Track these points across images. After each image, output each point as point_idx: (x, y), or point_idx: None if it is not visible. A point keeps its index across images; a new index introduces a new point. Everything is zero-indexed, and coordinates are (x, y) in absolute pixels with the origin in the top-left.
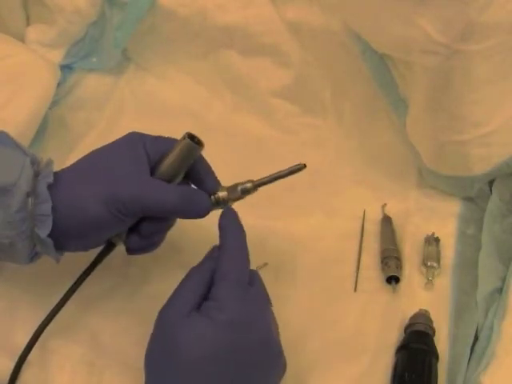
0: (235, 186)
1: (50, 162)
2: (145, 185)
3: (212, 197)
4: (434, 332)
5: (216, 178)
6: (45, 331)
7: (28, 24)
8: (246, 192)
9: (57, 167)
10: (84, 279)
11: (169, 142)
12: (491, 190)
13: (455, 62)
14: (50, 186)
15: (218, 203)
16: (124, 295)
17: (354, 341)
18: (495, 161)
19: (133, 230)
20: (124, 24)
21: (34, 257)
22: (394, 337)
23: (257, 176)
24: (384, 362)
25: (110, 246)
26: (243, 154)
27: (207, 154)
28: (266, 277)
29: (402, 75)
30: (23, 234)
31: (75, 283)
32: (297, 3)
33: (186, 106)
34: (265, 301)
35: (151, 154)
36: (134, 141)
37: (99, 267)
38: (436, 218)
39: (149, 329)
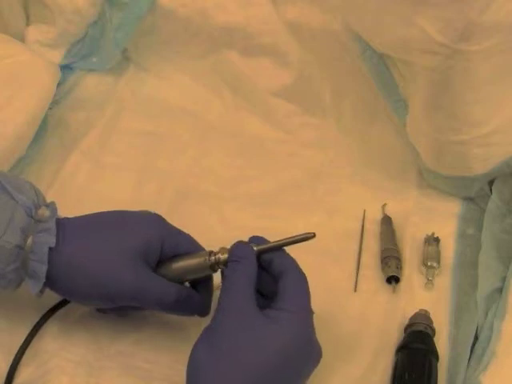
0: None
1: (53, 212)
2: (144, 282)
3: (213, 258)
4: (434, 332)
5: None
6: (45, 332)
7: (28, 24)
8: None
9: (57, 167)
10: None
11: (187, 242)
12: (491, 190)
13: (455, 62)
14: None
15: (218, 264)
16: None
17: (354, 341)
18: (495, 161)
19: None
20: (124, 24)
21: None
22: (393, 337)
23: (255, 177)
24: (384, 362)
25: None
26: (243, 154)
27: (207, 153)
28: None
29: (401, 75)
30: (12, 282)
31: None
32: (297, 3)
33: (185, 106)
34: None
35: (165, 248)
36: (153, 227)
37: None
38: (436, 218)
39: (147, 330)
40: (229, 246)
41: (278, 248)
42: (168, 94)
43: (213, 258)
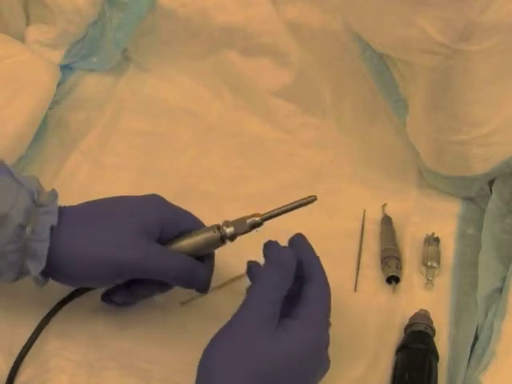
0: (242, 220)
1: (54, 196)
2: (149, 251)
3: (218, 232)
4: (434, 332)
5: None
6: (45, 331)
7: (28, 24)
8: (254, 226)
9: (57, 167)
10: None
11: (192, 220)
12: (491, 190)
13: (455, 62)
14: (52, 226)
15: (224, 239)
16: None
17: (354, 341)
18: (495, 161)
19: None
20: (124, 24)
21: (17, 279)
22: (394, 337)
23: (255, 177)
24: (384, 362)
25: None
26: (243, 154)
27: (207, 153)
28: None
29: (401, 75)
30: (13, 265)
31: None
32: (297, 3)
33: (186, 106)
34: None
35: (167, 225)
36: (153, 207)
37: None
38: (436, 218)
39: (147, 330)
40: (231, 220)
41: (281, 214)
42: (168, 94)
43: (220, 231)
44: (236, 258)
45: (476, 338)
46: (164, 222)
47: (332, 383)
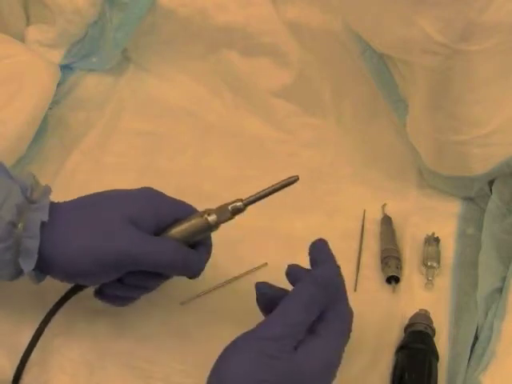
0: (224, 206)
1: (46, 192)
2: (135, 239)
3: (208, 217)
4: (433, 332)
5: (210, 248)
6: (46, 332)
7: (28, 24)
8: (236, 212)
9: (57, 167)
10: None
11: (186, 209)
12: (491, 190)
13: (455, 61)
14: (42, 222)
15: (209, 227)
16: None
17: (354, 341)
18: (495, 161)
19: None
20: (124, 24)
21: (16, 277)
22: (393, 337)
23: (255, 177)
24: (384, 362)
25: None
26: (243, 154)
27: (207, 153)
28: (266, 277)
29: (401, 75)
30: (7, 263)
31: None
32: (297, 3)
33: (185, 106)
34: None
35: (163, 217)
36: (145, 199)
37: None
38: (436, 218)
39: (148, 330)
40: (215, 207)
41: (264, 197)
42: (168, 94)
43: (209, 217)
44: (236, 258)
45: (476, 337)
46: (159, 213)
47: (332, 383)
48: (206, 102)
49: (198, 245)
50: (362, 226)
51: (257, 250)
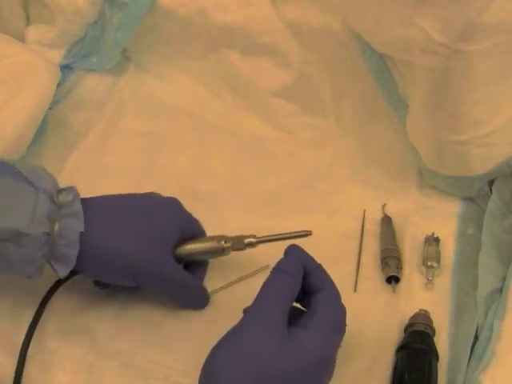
0: (240, 238)
1: (74, 195)
2: (170, 267)
3: (219, 243)
4: (433, 332)
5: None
6: (46, 330)
7: (28, 24)
8: (249, 246)
9: (57, 167)
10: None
11: (197, 227)
12: (491, 190)
13: (455, 61)
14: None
15: (220, 251)
16: (124, 296)
17: (354, 341)
18: (495, 161)
19: None
20: (124, 24)
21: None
22: (393, 337)
23: (255, 177)
24: (384, 362)
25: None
26: (243, 154)
27: (207, 153)
28: (266, 277)
29: (401, 75)
30: (41, 268)
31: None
32: (297, 3)
33: (185, 106)
34: None
35: (182, 234)
36: (176, 215)
37: None
38: (436, 218)
39: (148, 330)
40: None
41: (275, 241)
42: (168, 94)
43: (225, 244)
44: (236, 257)
45: (476, 337)
46: (182, 230)
47: (332, 383)
48: (206, 101)
49: (196, 264)
50: (362, 226)
51: (257, 249)
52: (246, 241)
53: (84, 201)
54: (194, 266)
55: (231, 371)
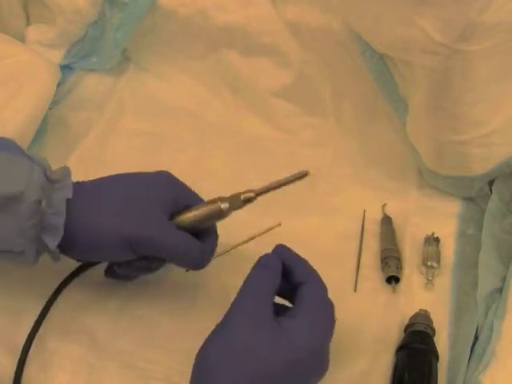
0: (237, 195)
1: (67, 172)
2: (163, 230)
3: (216, 205)
4: (433, 332)
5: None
6: (46, 332)
7: (28, 24)
8: (247, 201)
9: (57, 167)
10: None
11: (198, 197)
12: (491, 190)
13: (455, 61)
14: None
15: (220, 212)
16: (123, 295)
17: (354, 341)
18: (495, 161)
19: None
20: (124, 24)
21: (37, 260)
22: (393, 337)
23: (255, 177)
24: (384, 362)
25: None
26: (243, 154)
27: (207, 153)
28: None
29: (401, 75)
30: (33, 241)
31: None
32: (297, 3)
33: (185, 106)
34: None
35: (180, 203)
36: (166, 183)
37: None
38: (436, 218)
39: (148, 329)
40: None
41: (274, 189)
42: (168, 94)
43: (222, 204)
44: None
45: (476, 337)
46: (177, 198)
47: (332, 383)
48: (206, 101)
49: (205, 234)
50: (362, 226)
51: (256, 247)
52: (243, 197)
53: (77, 182)
54: (201, 236)
55: (224, 365)
